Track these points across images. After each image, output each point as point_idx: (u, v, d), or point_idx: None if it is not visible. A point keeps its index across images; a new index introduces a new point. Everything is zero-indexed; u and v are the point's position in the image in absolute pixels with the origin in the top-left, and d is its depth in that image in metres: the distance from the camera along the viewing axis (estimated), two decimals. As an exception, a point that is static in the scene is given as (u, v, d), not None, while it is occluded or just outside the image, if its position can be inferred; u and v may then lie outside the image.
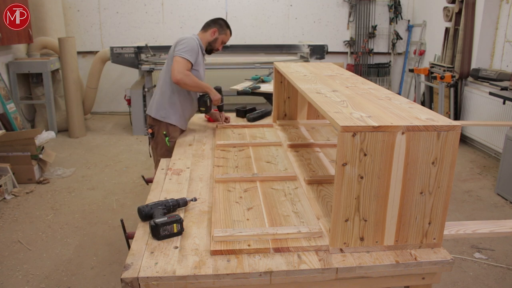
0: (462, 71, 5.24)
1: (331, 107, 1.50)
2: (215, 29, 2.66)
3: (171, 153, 2.41)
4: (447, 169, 1.35)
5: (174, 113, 2.63)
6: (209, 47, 2.70)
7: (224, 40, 2.73)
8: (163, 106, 2.63)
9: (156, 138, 2.65)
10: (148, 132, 2.66)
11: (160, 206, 1.59)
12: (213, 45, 2.70)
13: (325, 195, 1.80)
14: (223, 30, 2.70)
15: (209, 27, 2.68)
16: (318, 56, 5.86)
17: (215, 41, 2.69)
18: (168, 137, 2.62)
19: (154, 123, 2.65)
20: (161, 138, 2.63)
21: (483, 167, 4.58)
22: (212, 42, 2.68)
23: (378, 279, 1.38)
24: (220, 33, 2.69)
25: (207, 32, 2.67)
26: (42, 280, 2.61)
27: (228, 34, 2.74)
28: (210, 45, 2.69)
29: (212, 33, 2.67)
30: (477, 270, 2.72)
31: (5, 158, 4.02)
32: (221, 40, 2.71)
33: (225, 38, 2.74)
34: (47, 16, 5.74)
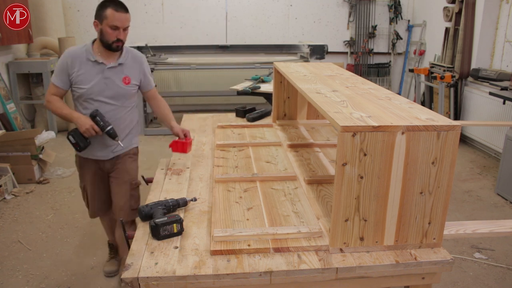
0: (462, 71, 5.24)
1: (331, 107, 1.50)
2: (95, 21, 2.07)
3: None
4: (447, 169, 1.35)
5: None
6: (104, 44, 2.08)
7: (110, 24, 2.01)
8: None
9: None
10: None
11: (160, 206, 1.59)
12: (103, 39, 2.06)
13: (325, 195, 1.80)
14: (100, 16, 2.03)
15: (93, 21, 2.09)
16: (318, 56, 5.86)
17: (102, 34, 2.05)
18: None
19: None
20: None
21: (483, 167, 4.58)
22: (101, 37, 2.07)
23: (378, 279, 1.38)
24: (100, 20, 2.04)
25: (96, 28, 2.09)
26: (42, 280, 2.61)
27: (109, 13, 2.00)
28: (102, 41, 2.08)
29: (95, 27, 2.08)
30: (477, 270, 2.72)
31: (5, 158, 4.02)
32: (108, 28, 2.02)
33: (109, 22, 2.01)
34: (47, 16, 5.73)
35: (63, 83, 2.12)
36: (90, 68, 2.10)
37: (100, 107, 2.12)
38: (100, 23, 2.05)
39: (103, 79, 2.12)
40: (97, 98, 2.12)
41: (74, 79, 2.10)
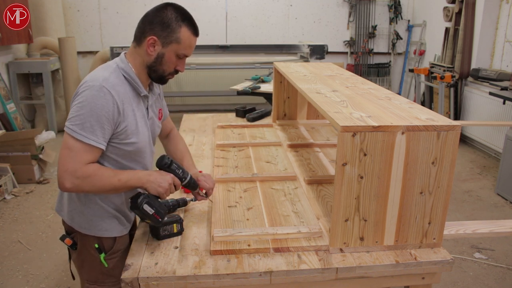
0: (462, 71, 5.24)
1: (331, 107, 1.50)
2: (153, 37, 1.35)
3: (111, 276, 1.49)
4: (447, 169, 1.35)
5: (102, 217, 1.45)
6: (154, 74, 1.40)
7: (179, 52, 1.38)
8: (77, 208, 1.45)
9: (81, 252, 1.49)
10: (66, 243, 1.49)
11: (160, 206, 1.58)
12: (158, 68, 1.39)
13: (325, 195, 1.80)
14: (170, 35, 1.35)
15: (143, 34, 1.37)
16: (318, 56, 5.86)
17: (160, 61, 1.38)
18: (104, 252, 1.47)
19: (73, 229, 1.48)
20: (90, 254, 1.48)
21: (483, 167, 4.58)
22: (155, 64, 1.38)
23: (378, 279, 1.38)
24: (166, 41, 1.36)
25: (141, 46, 1.38)
26: (42, 280, 2.61)
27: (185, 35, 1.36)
28: (153, 70, 1.39)
29: (149, 47, 1.36)
30: (477, 270, 2.72)
31: (5, 158, 4.02)
32: (173, 54, 1.38)
33: (181, 47, 1.37)
34: (47, 16, 5.73)
35: (105, 140, 1.32)
36: (136, 108, 1.41)
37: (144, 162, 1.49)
38: (162, 45, 1.36)
39: (148, 121, 1.48)
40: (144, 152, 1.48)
41: (122, 132, 1.35)
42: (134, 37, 1.42)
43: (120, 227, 1.50)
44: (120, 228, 1.50)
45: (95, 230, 1.45)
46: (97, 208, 1.44)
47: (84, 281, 1.53)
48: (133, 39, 1.42)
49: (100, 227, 1.45)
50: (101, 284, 1.50)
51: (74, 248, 1.50)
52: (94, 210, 1.43)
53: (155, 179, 1.37)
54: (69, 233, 1.50)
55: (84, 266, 1.51)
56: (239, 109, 3.10)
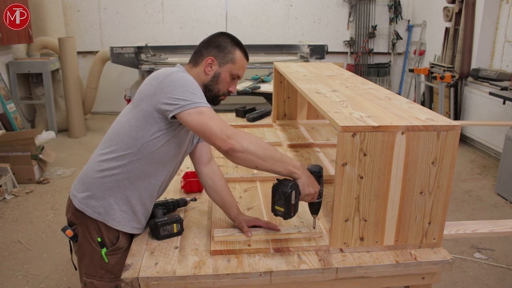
0: (462, 71, 5.24)
1: (331, 107, 1.50)
2: (211, 58, 1.45)
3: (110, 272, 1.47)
4: (447, 169, 1.35)
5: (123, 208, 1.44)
6: (209, 93, 1.47)
7: (234, 72, 1.47)
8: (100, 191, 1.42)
9: (82, 244, 1.47)
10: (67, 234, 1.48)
11: (160, 206, 1.59)
12: (214, 87, 1.47)
13: (325, 195, 1.80)
14: (227, 56, 1.46)
15: (201, 56, 1.47)
16: (318, 56, 5.85)
17: (216, 80, 1.46)
18: (105, 247, 1.45)
19: (76, 217, 1.46)
20: (91, 247, 1.46)
21: (483, 167, 4.58)
22: (211, 83, 1.46)
23: (378, 279, 1.38)
24: (222, 61, 1.46)
25: (199, 66, 1.47)
26: (42, 280, 2.61)
27: (239, 57, 1.48)
28: (208, 89, 1.47)
29: (207, 67, 1.45)
30: (477, 270, 2.72)
31: (5, 158, 4.02)
32: (228, 74, 1.47)
33: (235, 68, 1.47)
34: (47, 16, 5.74)
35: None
36: None
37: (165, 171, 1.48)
38: (219, 65, 1.45)
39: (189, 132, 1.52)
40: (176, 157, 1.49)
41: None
42: (190, 60, 1.51)
43: (136, 224, 1.47)
44: (135, 225, 1.47)
45: (108, 219, 1.42)
46: (120, 196, 1.42)
47: (82, 274, 1.52)
48: (189, 62, 1.51)
49: (115, 217, 1.42)
50: (99, 279, 1.48)
51: (75, 240, 1.49)
52: (117, 197, 1.42)
53: (309, 177, 1.35)
54: (70, 225, 1.49)
55: (83, 259, 1.49)
56: (239, 109, 3.10)
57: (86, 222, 1.44)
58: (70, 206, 1.48)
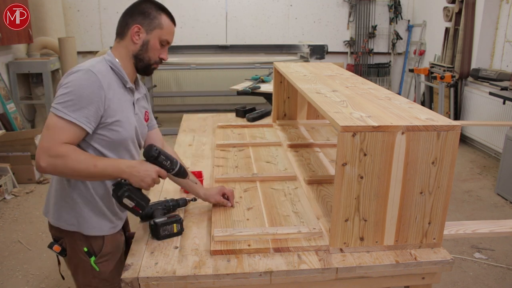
0: (462, 71, 5.24)
1: (331, 107, 1.50)
2: (137, 26, 1.40)
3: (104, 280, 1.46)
4: (447, 169, 1.35)
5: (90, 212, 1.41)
6: (140, 63, 1.43)
7: (162, 37, 1.43)
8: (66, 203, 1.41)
9: (72, 257, 1.46)
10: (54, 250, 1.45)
11: (160, 206, 1.59)
12: (144, 55, 1.42)
13: (325, 195, 1.80)
14: (153, 21, 1.41)
15: (126, 26, 1.42)
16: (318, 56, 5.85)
17: (146, 48, 1.42)
18: (94, 256, 1.44)
19: (61, 233, 1.45)
20: (80, 258, 1.44)
21: (483, 167, 4.58)
22: (141, 52, 1.42)
23: (378, 279, 1.38)
24: (149, 28, 1.41)
25: (125, 37, 1.42)
26: (42, 280, 2.61)
27: (166, 22, 1.43)
28: (139, 58, 1.43)
29: (134, 36, 1.41)
30: (477, 270, 2.72)
31: (5, 158, 4.02)
32: (157, 40, 1.43)
33: (164, 33, 1.43)
34: (47, 16, 5.73)
35: (88, 122, 1.28)
36: (124, 100, 1.41)
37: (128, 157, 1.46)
38: (146, 32, 1.41)
39: (134, 116, 1.46)
40: (127, 145, 1.45)
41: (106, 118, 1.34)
42: (116, 33, 1.46)
43: (109, 224, 1.45)
44: (109, 226, 1.45)
45: (83, 227, 1.41)
46: (86, 202, 1.40)
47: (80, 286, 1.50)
48: (116, 36, 1.46)
49: (88, 224, 1.41)
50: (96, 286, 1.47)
51: (63, 255, 1.46)
52: (82, 205, 1.40)
53: (137, 172, 1.32)
54: (56, 240, 1.46)
55: (78, 271, 1.47)
56: (239, 109, 3.10)
57: (70, 235, 1.42)
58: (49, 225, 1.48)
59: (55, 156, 1.22)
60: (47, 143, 1.23)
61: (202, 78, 6.58)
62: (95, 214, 1.42)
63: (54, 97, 1.29)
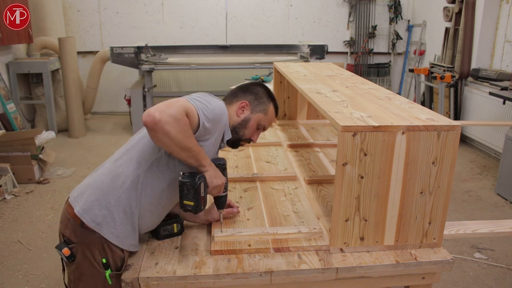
0: (462, 71, 5.24)
1: (331, 107, 1.50)
2: (246, 102, 1.52)
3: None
4: (447, 169, 1.35)
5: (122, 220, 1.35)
6: (234, 135, 1.52)
7: (262, 122, 1.55)
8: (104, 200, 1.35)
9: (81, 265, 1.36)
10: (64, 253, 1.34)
11: (160, 206, 1.59)
12: (240, 131, 1.52)
13: (325, 195, 1.80)
14: (261, 105, 1.54)
15: (236, 98, 1.55)
16: (318, 56, 5.86)
17: (245, 125, 1.52)
18: (110, 269, 1.34)
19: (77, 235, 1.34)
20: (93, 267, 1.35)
21: (483, 167, 4.58)
22: (239, 126, 1.52)
23: (378, 279, 1.38)
24: (255, 109, 1.53)
25: (232, 106, 1.54)
26: (42, 280, 2.61)
27: (271, 111, 1.57)
28: (235, 131, 1.51)
29: (240, 109, 1.52)
30: (477, 270, 2.72)
31: (5, 158, 4.02)
32: (256, 123, 1.54)
33: (265, 119, 1.55)
34: (47, 16, 5.73)
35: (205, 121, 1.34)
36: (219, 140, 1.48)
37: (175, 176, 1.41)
38: (252, 111, 1.52)
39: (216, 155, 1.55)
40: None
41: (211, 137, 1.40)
42: (225, 98, 1.57)
43: (131, 241, 1.38)
44: (130, 242, 1.38)
45: (104, 229, 1.32)
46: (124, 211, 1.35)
47: None
48: (224, 99, 1.56)
49: (113, 229, 1.33)
50: None
51: (70, 260, 1.36)
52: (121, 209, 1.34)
53: (214, 170, 1.38)
54: (67, 243, 1.36)
55: (82, 280, 1.36)
56: (239, 109, 3.09)
57: (89, 242, 1.33)
58: (69, 222, 1.36)
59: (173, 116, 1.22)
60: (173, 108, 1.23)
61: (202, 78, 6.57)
62: (123, 225, 1.35)
63: None
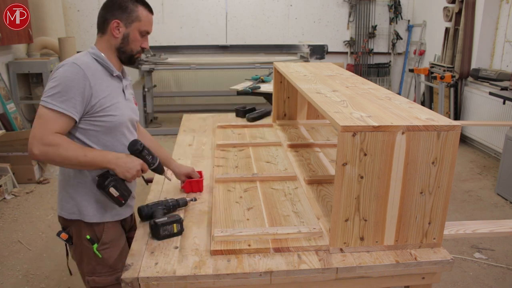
0: (462, 71, 5.24)
1: (331, 107, 1.50)
2: (116, 21, 1.46)
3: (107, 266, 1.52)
4: (447, 169, 1.35)
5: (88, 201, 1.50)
6: (123, 54, 1.51)
7: (142, 28, 1.50)
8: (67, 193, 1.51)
9: (77, 245, 1.54)
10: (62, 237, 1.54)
11: (160, 206, 1.59)
12: (126, 48, 1.50)
13: (325, 195, 1.80)
14: (131, 13, 1.47)
15: (106, 22, 1.48)
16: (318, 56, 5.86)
17: (127, 41, 1.49)
18: (96, 243, 1.51)
19: (66, 222, 1.54)
20: (85, 246, 1.52)
21: (483, 167, 4.58)
22: (122, 45, 1.49)
23: (378, 279, 1.38)
24: (128, 21, 1.47)
25: (106, 32, 1.49)
26: (42, 280, 2.61)
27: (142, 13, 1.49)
28: (122, 51, 1.50)
29: (114, 30, 1.47)
30: (477, 270, 2.72)
31: (5, 158, 4.02)
32: (137, 32, 1.49)
33: (142, 24, 1.49)
34: (47, 16, 5.73)
35: (76, 111, 1.36)
36: (113, 87, 1.49)
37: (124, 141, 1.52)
38: (125, 25, 1.47)
39: (125, 101, 1.55)
40: (122, 129, 1.52)
41: (99, 105, 1.41)
42: (97, 28, 1.52)
43: (110, 212, 1.54)
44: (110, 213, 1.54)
45: (83, 215, 1.50)
46: (85, 192, 1.49)
47: (84, 275, 1.57)
48: (97, 30, 1.52)
49: (88, 212, 1.50)
50: (98, 275, 1.53)
51: (70, 243, 1.56)
52: (81, 194, 1.49)
53: (124, 163, 1.41)
54: (64, 228, 1.56)
55: (83, 259, 1.55)
56: (239, 109, 3.10)
57: (74, 222, 1.52)
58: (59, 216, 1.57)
59: (47, 144, 1.31)
60: (39, 132, 1.32)
61: (202, 78, 6.58)
62: (94, 202, 1.50)
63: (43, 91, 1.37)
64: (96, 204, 1.50)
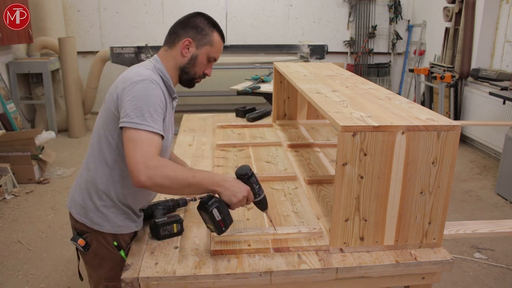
0: (462, 71, 5.24)
1: (331, 107, 1.50)
2: (189, 39, 1.44)
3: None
4: (447, 169, 1.35)
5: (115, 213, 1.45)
6: (185, 75, 1.47)
7: (211, 54, 1.48)
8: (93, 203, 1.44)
9: (99, 251, 1.48)
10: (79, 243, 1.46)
11: (160, 206, 1.59)
12: (190, 69, 1.46)
13: (325, 195, 1.80)
14: (205, 38, 1.46)
15: (178, 37, 1.45)
16: (318, 56, 5.86)
17: (193, 63, 1.46)
18: (123, 249, 1.48)
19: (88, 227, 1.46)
20: (109, 251, 1.48)
21: (483, 167, 4.58)
22: (188, 66, 1.46)
23: (378, 279, 1.38)
24: (200, 43, 1.45)
25: (174, 47, 1.45)
26: (42, 280, 2.61)
27: (216, 39, 1.48)
28: (185, 71, 1.46)
29: (184, 48, 1.44)
30: (477, 270, 2.72)
31: (5, 158, 4.02)
32: (206, 56, 1.47)
33: (213, 50, 1.48)
34: (47, 16, 5.74)
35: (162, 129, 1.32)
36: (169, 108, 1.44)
37: None
38: (196, 46, 1.44)
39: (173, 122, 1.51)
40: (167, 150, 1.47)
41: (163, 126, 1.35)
42: (165, 42, 1.48)
43: (132, 224, 1.49)
44: (134, 224, 1.50)
45: (109, 227, 1.44)
46: (112, 204, 1.44)
47: (101, 280, 1.52)
48: (164, 43, 1.48)
49: (114, 224, 1.45)
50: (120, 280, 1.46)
51: (86, 249, 1.48)
52: (107, 208, 1.44)
53: (231, 186, 1.33)
54: (81, 234, 1.47)
55: (103, 265, 1.50)
56: (239, 109, 3.10)
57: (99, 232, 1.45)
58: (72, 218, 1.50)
59: (154, 167, 1.21)
60: (142, 157, 1.21)
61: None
62: (120, 215, 1.46)
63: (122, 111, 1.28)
64: (122, 216, 1.46)
